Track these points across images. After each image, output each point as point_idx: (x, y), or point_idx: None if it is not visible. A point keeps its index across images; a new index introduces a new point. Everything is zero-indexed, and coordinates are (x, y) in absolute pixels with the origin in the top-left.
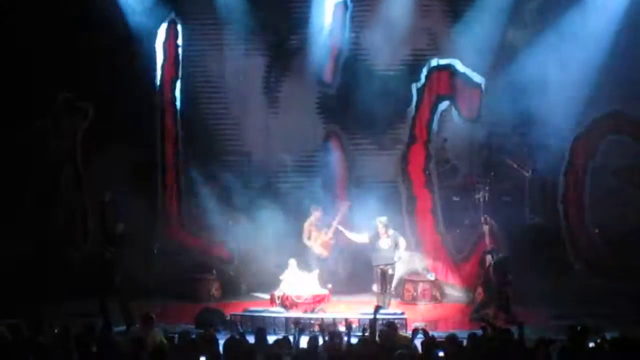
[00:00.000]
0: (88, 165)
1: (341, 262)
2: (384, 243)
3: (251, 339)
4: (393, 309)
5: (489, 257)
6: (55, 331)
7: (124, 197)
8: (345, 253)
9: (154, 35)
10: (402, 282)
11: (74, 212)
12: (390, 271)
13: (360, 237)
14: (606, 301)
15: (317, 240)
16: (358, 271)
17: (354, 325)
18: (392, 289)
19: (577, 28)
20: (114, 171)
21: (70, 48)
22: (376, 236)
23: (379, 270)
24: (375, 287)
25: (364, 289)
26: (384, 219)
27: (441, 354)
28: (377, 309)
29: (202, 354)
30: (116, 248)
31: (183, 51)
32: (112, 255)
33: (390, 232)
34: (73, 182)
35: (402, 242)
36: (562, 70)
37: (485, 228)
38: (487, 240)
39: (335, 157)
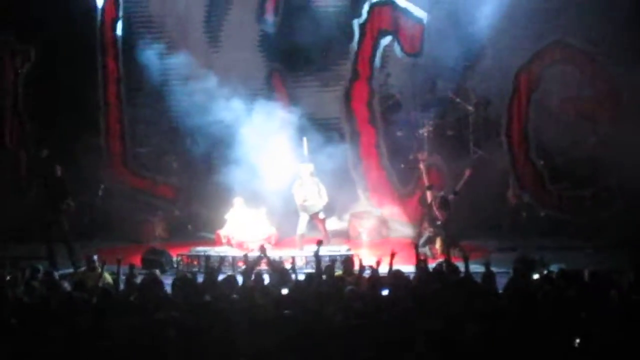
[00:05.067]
0: (30, 109)
1: None
2: (312, 190)
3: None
4: (339, 246)
5: (429, 193)
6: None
7: (68, 140)
8: None
9: None
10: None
11: (18, 160)
12: (321, 215)
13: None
14: (552, 233)
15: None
16: None
17: (300, 263)
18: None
19: None
20: (57, 115)
21: None
22: (302, 183)
23: (307, 217)
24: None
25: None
26: (311, 166)
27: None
28: (320, 243)
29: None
30: (58, 189)
31: None
32: (67, 206)
33: (315, 178)
34: (17, 128)
35: (323, 188)
36: (503, 2)
37: (422, 165)
38: (425, 177)
39: (277, 95)
